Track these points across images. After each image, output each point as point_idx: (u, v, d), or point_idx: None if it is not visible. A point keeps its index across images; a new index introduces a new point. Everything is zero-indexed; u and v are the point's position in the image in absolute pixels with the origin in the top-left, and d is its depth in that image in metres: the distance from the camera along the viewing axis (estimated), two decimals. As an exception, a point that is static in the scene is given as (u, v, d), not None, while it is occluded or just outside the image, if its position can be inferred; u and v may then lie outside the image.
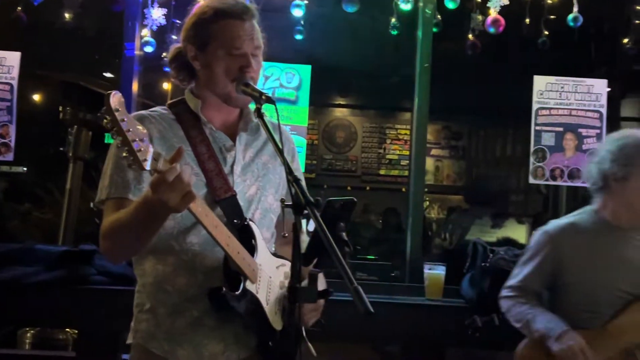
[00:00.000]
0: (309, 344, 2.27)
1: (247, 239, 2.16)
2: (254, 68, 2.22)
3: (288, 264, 2.26)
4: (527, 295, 2.91)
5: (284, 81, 4.21)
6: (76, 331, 4.06)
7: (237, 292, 2.09)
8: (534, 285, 2.92)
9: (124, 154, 1.79)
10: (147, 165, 1.79)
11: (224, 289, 2.08)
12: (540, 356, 2.81)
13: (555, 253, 2.88)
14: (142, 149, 1.79)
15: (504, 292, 2.99)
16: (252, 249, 2.16)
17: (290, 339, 2.08)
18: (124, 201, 2.11)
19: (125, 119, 1.78)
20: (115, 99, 1.78)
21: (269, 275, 2.22)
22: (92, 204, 2.27)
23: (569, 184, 4.28)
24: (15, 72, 4.13)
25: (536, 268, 2.91)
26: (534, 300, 2.91)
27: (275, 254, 2.31)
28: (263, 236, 2.24)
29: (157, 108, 2.31)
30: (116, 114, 1.77)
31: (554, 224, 2.97)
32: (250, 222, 2.19)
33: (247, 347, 2.22)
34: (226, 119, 2.32)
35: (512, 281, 2.98)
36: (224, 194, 2.19)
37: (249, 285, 2.12)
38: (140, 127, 1.81)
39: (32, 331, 4.39)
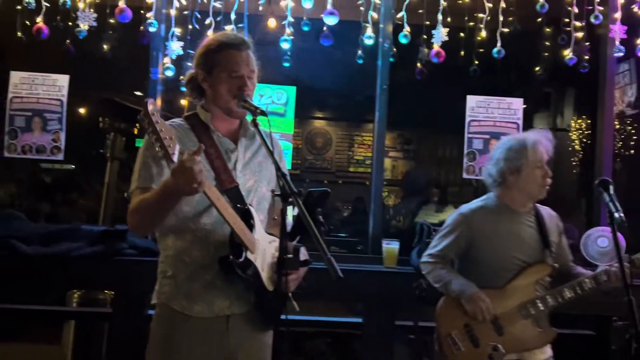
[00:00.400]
0: (293, 302, 2.28)
1: (247, 220, 2.18)
2: (249, 87, 2.26)
3: (277, 240, 2.28)
4: (444, 262, 2.94)
5: (275, 99, 4.20)
6: (112, 292, 4.03)
7: (240, 260, 2.10)
8: (450, 254, 2.94)
9: (157, 149, 1.88)
10: (175, 157, 1.87)
11: (230, 257, 2.10)
12: (454, 310, 2.83)
13: (469, 230, 2.89)
14: (171, 144, 1.87)
15: (425, 259, 3.00)
16: (251, 228, 2.17)
17: (278, 298, 2.09)
18: (148, 190, 2.15)
19: (159, 121, 1.86)
20: (151, 105, 1.85)
21: (263, 248, 2.25)
22: (125, 194, 2.28)
23: (494, 178, 4.29)
24: (64, 91, 4.13)
25: (453, 241, 2.91)
26: (450, 267, 2.93)
27: (268, 233, 2.32)
28: (259, 218, 2.25)
29: (176, 119, 2.34)
30: (152, 117, 1.84)
31: (467, 207, 2.98)
32: (250, 207, 2.22)
33: (248, 303, 2.24)
34: (229, 128, 2.34)
35: (432, 250, 2.99)
36: (229, 185, 2.22)
37: (249, 255, 2.15)
38: (170, 129, 1.88)
39: (78, 293, 4.36)
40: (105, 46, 4.23)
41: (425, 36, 4.12)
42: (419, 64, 4.20)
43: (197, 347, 2.20)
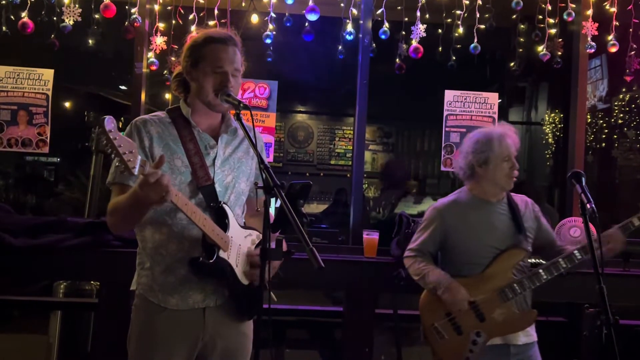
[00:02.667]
0: (271, 293, 2.27)
1: (221, 217, 2.18)
2: (232, 84, 2.21)
3: (255, 233, 2.30)
4: (423, 256, 2.97)
5: (258, 93, 4.18)
6: (98, 283, 4.00)
7: (211, 261, 2.12)
8: (429, 248, 2.97)
9: (117, 164, 1.83)
10: (135, 171, 1.83)
11: (200, 258, 2.13)
12: (435, 301, 2.85)
13: (442, 224, 2.93)
14: (131, 159, 1.83)
15: (407, 253, 3.03)
16: (225, 226, 2.17)
17: (253, 290, 2.09)
18: (125, 187, 2.13)
19: (117, 137, 1.81)
20: (109, 122, 1.80)
21: (238, 244, 2.24)
22: (107, 183, 2.25)
23: (470, 171, 4.31)
24: (50, 85, 4.08)
25: (429, 235, 2.95)
26: (429, 259, 2.95)
27: (244, 226, 2.31)
28: (235, 213, 2.26)
29: (158, 113, 2.31)
30: (109, 134, 1.80)
31: (440, 202, 3.03)
32: (224, 205, 2.22)
33: (222, 296, 2.24)
34: (211, 123, 2.32)
35: (412, 245, 3.02)
36: (205, 182, 2.21)
37: (221, 253, 2.15)
38: (129, 141, 1.83)
39: (64, 283, 4.32)
40: (90, 41, 4.18)
41: (404, 32, 4.11)
42: (398, 60, 4.20)
43: (174, 337, 2.19)
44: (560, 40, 4.17)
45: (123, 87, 6.77)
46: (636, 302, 3.74)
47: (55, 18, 3.98)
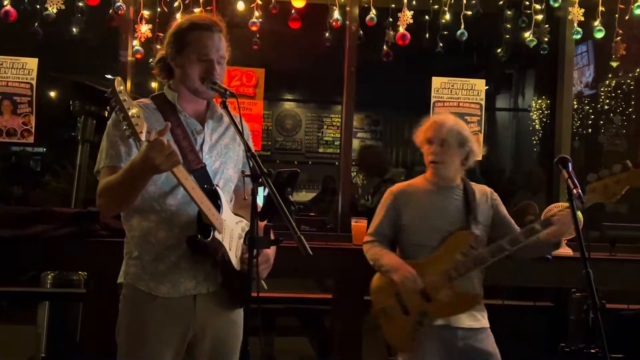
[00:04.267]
0: (262, 281, 2.26)
1: (214, 200, 2.14)
2: (217, 72, 2.19)
3: (244, 220, 2.27)
4: (380, 239, 3.03)
5: (245, 80, 4.15)
6: (86, 273, 3.98)
7: (208, 239, 2.07)
8: (384, 230, 3.03)
9: (124, 127, 1.79)
10: (143, 137, 1.79)
11: (198, 236, 2.07)
12: (385, 284, 2.92)
13: (396, 205, 3.00)
14: (139, 123, 1.79)
15: (365, 239, 3.11)
16: (218, 208, 2.14)
17: (246, 277, 2.08)
18: (116, 169, 2.09)
19: (126, 99, 1.78)
20: (118, 82, 1.78)
21: (231, 228, 2.22)
22: (94, 171, 2.21)
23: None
24: (34, 74, 4.03)
25: (384, 217, 3.03)
26: (386, 243, 3.03)
27: (235, 214, 2.29)
28: (225, 199, 2.22)
29: (142, 99, 2.27)
30: (119, 95, 1.77)
31: (396, 186, 3.10)
32: (217, 188, 2.18)
33: (214, 283, 2.22)
34: (196, 109, 2.30)
35: (370, 229, 3.10)
36: (196, 166, 2.18)
37: (217, 234, 2.11)
38: (138, 107, 1.81)
39: (52, 274, 4.30)
40: (74, 29, 4.12)
41: (391, 19, 4.10)
42: (385, 47, 4.18)
43: (165, 326, 2.17)
44: (546, 26, 4.16)
45: (109, 76, 6.70)
46: (622, 286, 3.78)
47: (38, 6, 3.92)
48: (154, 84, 6.26)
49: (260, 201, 2.25)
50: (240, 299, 2.27)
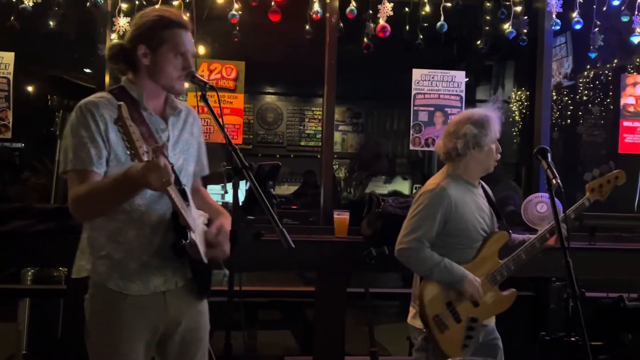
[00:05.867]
0: (225, 269, 2.25)
1: (185, 199, 2.15)
2: (192, 67, 2.19)
3: (204, 214, 2.32)
4: (427, 245, 2.79)
5: (225, 74, 4.12)
6: (66, 269, 3.94)
7: (189, 242, 2.08)
8: (431, 235, 2.78)
9: (127, 151, 1.78)
10: (145, 158, 1.78)
11: (183, 241, 2.08)
12: (437, 292, 2.79)
13: (446, 207, 2.79)
14: (142, 145, 1.78)
15: (409, 244, 2.78)
16: (188, 207, 2.17)
17: (211, 268, 2.08)
18: (88, 172, 2.05)
19: (131, 125, 1.76)
20: (124, 109, 1.76)
21: (197, 224, 2.21)
22: (60, 172, 2.17)
23: (439, 149, 4.33)
24: (10, 68, 3.98)
25: (433, 222, 2.78)
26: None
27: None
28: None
29: (102, 94, 2.21)
30: (126, 121, 1.75)
31: (437, 185, 2.84)
32: (185, 187, 2.19)
33: (183, 278, 2.23)
34: (157, 105, 2.27)
35: (414, 235, 2.77)
36: None
37: (192, 235, 2.10)
38: (136, 129, 1.79)
39: (32, 270, 4.26)
40: (51, 22, 4.06)
41: (371, 11, 4.09)
42: (365, 39, 4.18)
43: (138, 324, 2.15)
44: (525, 17, 4.18)
45: (87, 70, 6.63)
46: (602, 274, 3.83)
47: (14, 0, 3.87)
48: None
49: (242, 195, 2.24)
50: (208, 290, 2.30)
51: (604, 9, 4.17)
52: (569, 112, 6.71)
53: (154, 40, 2.15)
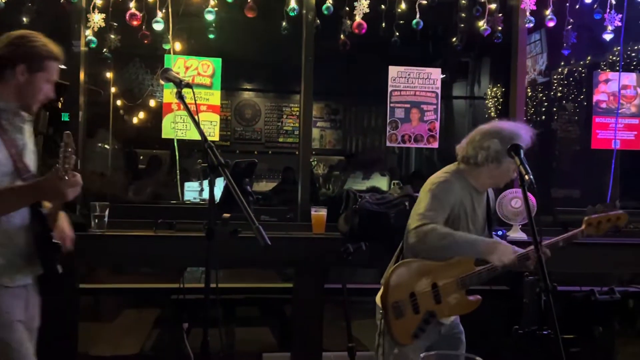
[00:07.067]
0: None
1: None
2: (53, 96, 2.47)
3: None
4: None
5: (201, 70, 4.11)
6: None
7: (59, 242, 2.37)
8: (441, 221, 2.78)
9: (61, 166, 2.13)
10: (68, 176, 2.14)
11: (59, 243, 2.37)
12: (403, 280, 2.86)
13: (455, 200, 2.83)
14: (73, 166, 2.18)
15: (422, 223, 2.73)
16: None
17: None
18: None
19: (71, 149, 2.15)
20: (70, 137, 2.17)
21: None
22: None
23: (415, 145, 4.37)
24: (-17, 65, 3.91)
25: (444, 210, 2.80)
26: None
27: None
28: None
29: None
30: (70, 149, 2.13)
31: (448, 179, 2.86)
32: None
33: (37, 272, 2.40)
34: None
35: (429, 217, 2.74)
36: (26, 173, 2.32)
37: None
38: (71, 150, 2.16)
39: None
40: (24, 19, 4.02)
41: (347, 8, 4.10)
42: (342, 36, 4.19)
43: (18, 313, 2.34)
44: (500, 15, 4.23)
45: (62, 66, 6.56)
46: (574, 268, 3.89)
47: (-15, -5, 3.81)
48: (108, 74, 6.17)
49: (219, 192, 2.24)
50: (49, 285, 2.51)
51: (577, 6, 4.23)
52: (544, 109, 6.80)
53: (36, 65, 2.34)
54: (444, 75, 4.30)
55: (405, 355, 2.84)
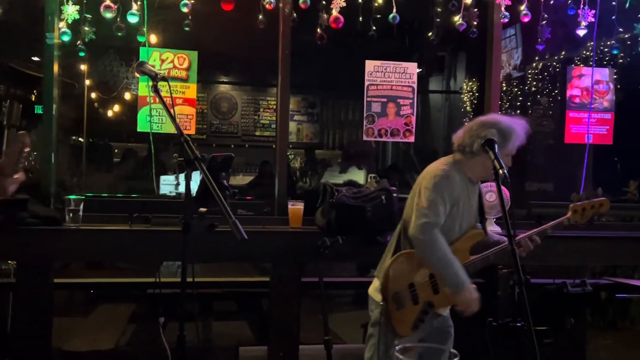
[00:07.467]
0: None
1: None
2: None
3: None
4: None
5: (177, 63, 4.08)
6: (15, 263, 3.86)
7: None
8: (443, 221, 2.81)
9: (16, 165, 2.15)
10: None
11: None
12: (403, 272, 2.90)
13: (454, 192, 2.85)
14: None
15: (428, 225, 2.75)
16: None
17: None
18: None
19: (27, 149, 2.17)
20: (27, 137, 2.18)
21: None
22: None
23: (391, 139, 4.39)
24: (-46, 57, 3.86)
25: (445, 206, 2.82)
26: None
27: None
28: None
29: None
30: (26, 150, 2.14)
31: (446, 170, 2.87)
32: None
33: None
34: None
35: (434, 219, 2.76)
36: None
37: None
38: None
39: (-21, 264, 4.14)
40: (-2, 10, 3.96)
41: (324, 2, 4.10)
42: (319, 30, 4.18)
43: None
44: (475, 10, 4.25)
45: (36, 59, 6.46)
46: (548, 261, 3.94)
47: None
48: (82, 67, 6.10)
49: (195, 186, 2.24)
50: None
51: (551, 2, 4.27)
52: (518, 103, 6.88)
53: None
54: (420, 70, 4.32)
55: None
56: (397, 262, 2.91)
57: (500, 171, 2.34)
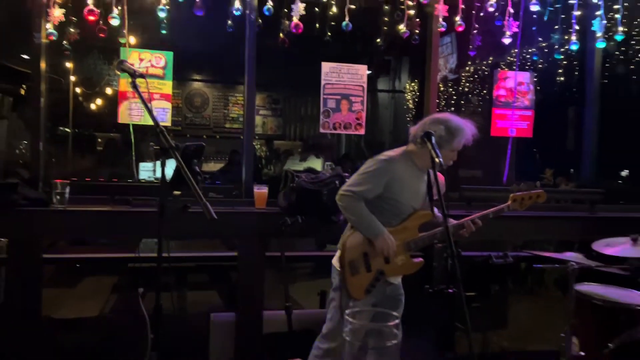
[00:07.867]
0: None
1: None
2: None
3: None
4: (363, 201, 2.86)
5: (154, 62, 4.00)
6: (7, 240, 3.75)
7: None
8: (369, 195, 2.86)
9: None
10: None
11: None
12: (358, 242, 2.93)
13: (390, 176, 2.87)
14: None
15: (347, 192, 2.86)
16: None
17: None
18: None
19: None
20: None
21: None
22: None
23: (344, 132, 4.40)
24: (-54, 53, 3.70)
25: (375, 185, 2.86)
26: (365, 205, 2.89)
27: None
28: None
29: None
30: None
31: (390, 156, 2.91)
32: None
33: None
34: None
35: (355, 188, 2.86)
36: None
37: None
38: None
39: (-27, 241, 4.01)
40: (-14, 12, 3.81)
41: (286, 10, 4.07)
42: (281, 35, 4.16)
43: None
44: (417, 20, 4.28)
45: (25, 56, 6.25)
46: (476, 237, 4.01)
47: (-52, -13, 3.58)
48: (69, 64, 5.92)
49: (170, 172, 2.21)
50: None
51: (482, 14, 4.33)
52: (453, 101, 6.97)
53: None
54: (370, 72, 4.33)
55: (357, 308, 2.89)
56: (354, 234, 2.95)
57: (437, 160, 2.38)
